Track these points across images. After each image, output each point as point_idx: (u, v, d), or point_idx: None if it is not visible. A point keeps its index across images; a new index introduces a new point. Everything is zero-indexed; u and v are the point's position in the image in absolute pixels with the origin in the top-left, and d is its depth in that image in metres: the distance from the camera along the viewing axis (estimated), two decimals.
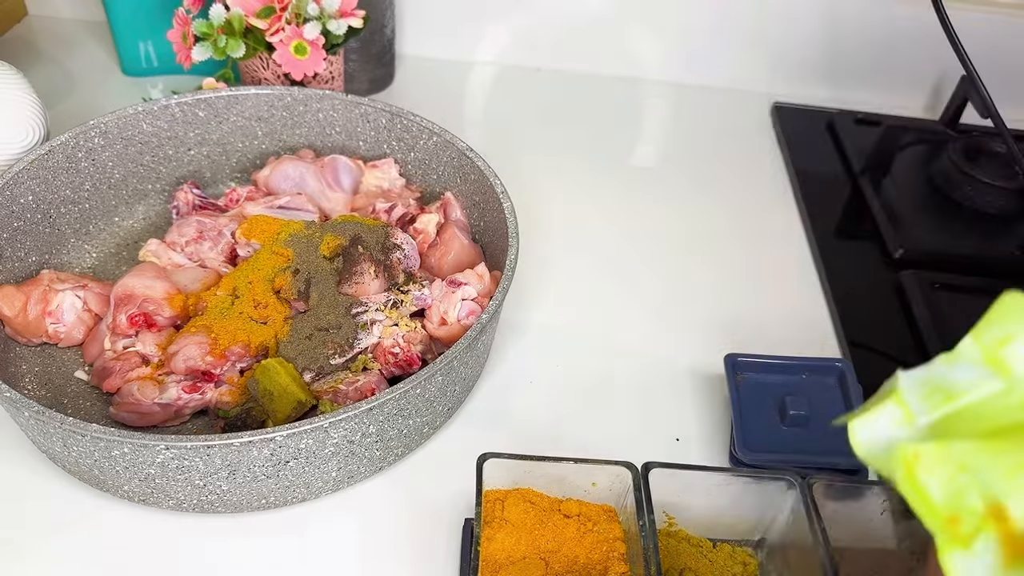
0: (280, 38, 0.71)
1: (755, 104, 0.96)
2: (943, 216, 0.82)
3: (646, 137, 0.91)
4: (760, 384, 0.60)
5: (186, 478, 0.49)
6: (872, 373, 0.66)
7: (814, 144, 0.91)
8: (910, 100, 0.98)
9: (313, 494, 0.53)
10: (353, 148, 0.73)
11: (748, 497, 0.50)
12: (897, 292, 0.74)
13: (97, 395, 0.58)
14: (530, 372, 0.64)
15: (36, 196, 0.63)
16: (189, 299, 0.60)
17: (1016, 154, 0.73)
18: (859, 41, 0.94)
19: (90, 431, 0.46)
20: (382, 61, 0.89)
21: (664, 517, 0.51)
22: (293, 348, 0.57)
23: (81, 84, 0.89)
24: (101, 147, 0.66)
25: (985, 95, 0.74)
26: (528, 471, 0.49)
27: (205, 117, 0.70)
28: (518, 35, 0.96)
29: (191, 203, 0.68)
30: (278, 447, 0.48)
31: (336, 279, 0.60)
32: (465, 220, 0.68)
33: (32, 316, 0.58)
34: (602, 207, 0.80)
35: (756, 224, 0.80)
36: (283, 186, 0.69)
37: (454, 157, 0.68)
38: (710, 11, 0.93)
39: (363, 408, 0.48)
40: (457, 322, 0.59)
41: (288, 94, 0.71)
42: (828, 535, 0.45)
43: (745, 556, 0.51)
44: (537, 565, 0.46)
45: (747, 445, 0.56)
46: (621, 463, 0.48)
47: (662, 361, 0.66)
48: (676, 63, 0.97)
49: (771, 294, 0.73)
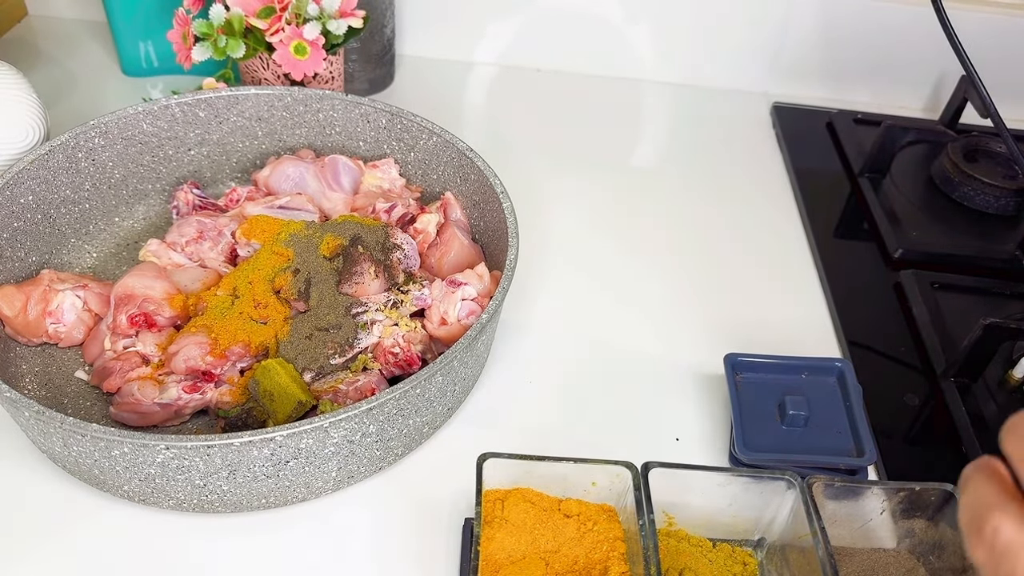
0: (280, 38, 0.71)
1: (755, 104, 0.96)
2: (943, 216, 0.82)
3: (646, 137, 0.91)
4: (760, 384, 0.60)
5: (186, 478, 0.49)
6: (872, 373, 0.66)
7: (814, 144, 0.91)
8: (910, 100, 0.98)
9: (313, 494, 0.53)
10: (353, 148, 0.73)
11: (748, 497, 0.50)
12: (897, 292, 0.74)
13: (97, 395, 0.58)
14: (530, 372, 0.64)
15: (36, 196, 0.63)
16: (189, 299, 0.60)
17: (1016, 154, 0.73)
18: (859, 41, 0.94)
19: (90, 431, 0.46)
20: (382, 61, 0.89)
21: (664, 517, 0.51)
22: (293, 348, 0.57)
23: (81, 84, 0.89)
24: (101, 147, 0.66)
25: (985, 95, 0.74)
26: (528, 471, 0.49)
27: (205, 117, 0.70)
28: (518, 35, 0.96)
29: (191, 203, 0.68)
30: (278, 447, 0.48)
31: (336, 279, 0.60)
32: (465, 220, 0.68)
33: (32, 316, 0.58)
34: (602, 207, 0.80)
35: (756, 224, 0.80)
36: (283, 186, 0.69)
37: (454, 157, 0.68)
38: (710, 11, 0.93)
39: (363, 408, 0.48)
40: (457, 322, 0.59)
41: (288, 94, 0.71)
42: (828, 535, 0.45)
43: (745, 556, 0.51)
44: (537, 565, 0.46)
45: (747, 445, 0.56)
46: (621, 463, 0.48)
47: (662, 361, 0.66)
48: (676, 63, 0.97)
49: (771, 294, 0.73)
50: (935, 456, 0.61)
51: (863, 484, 0.50)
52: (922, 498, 0.50)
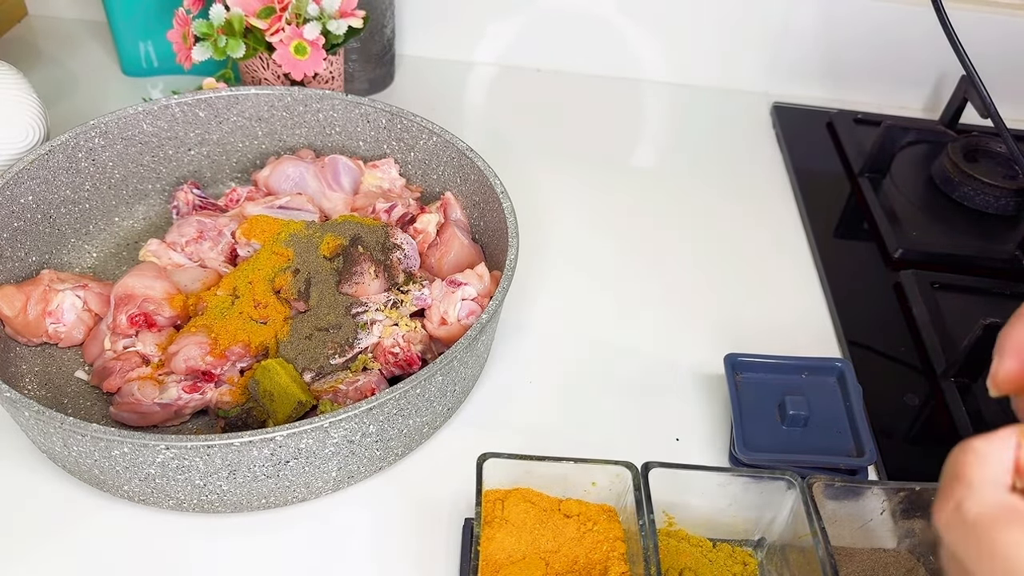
0: (280, 38, 0.71)
1: (755, 104, 0.96)
2: (943, 216, 0.82)
3: (646, 137, 0.91)
4: (760, 384, 0.60)
5: (186, 478, 0.49)
6: (872, 373, 0.66)
7: (814, 144, 0.91)
8: (910, 100, 0.98)
9: (313, 494, 0.53)
10: (353, 148, 0.73)
11: (748, 497, 0.50)
12: (897, 292, 0.74)
13: (97, 395, 0.58)
14: (530, 372, 0.64)
15: (36, 196, 0.63)
16: (189, 299, 0.60)
17: (1016, 154, 0.73)
18: (859, 41, 0.94)
19: (90, 431, 0.46)
20: (382, 61, 0.89)
21: (664, 517, 0.51)
22: (293, 348, 0.57)
23: (81, 84, 0.89)
24: (101, 147, 0.66)
25: (985, 95, 0.74)
26: (528, 471, 0.49)
27: (205, 117, 0.70)
28: (518, 35, 0.96)
29: (191, 203, 0.68)
30: (278, 447, 0.48)
31: (336, 279, 0.60)
32: (465, 220, 0.68)
33: (32, 316, 0.58)
34: (602, 207, 0.80)
35: (756, 224, 0.80)
36: (283, 186, 0.69)
37: (454, 157, 0.68)
38: (710, 11, 0.93)
39: (363, 408, 0.48)
40: (457, 322, 0.59)
41: (288, 94, 0.71)
42: (828, 535, 0.45)
43: (745, 556, 0.51)
44: (537, 565, 0.46)
45: (747, 445, 0.56)
46: (621, 463, 0.48)
47: (662, 361, 0.66)
48: (676, 63, 0.97)
49: (771, 294, 0.73)
50: (935, 456, 0.61)
51: (863, 484, 0.50)
52: (922, 498, 0.50)
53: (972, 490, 0.31)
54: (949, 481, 0.32)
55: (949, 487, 0.32)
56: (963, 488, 0.31)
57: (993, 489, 0.31)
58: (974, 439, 0.32)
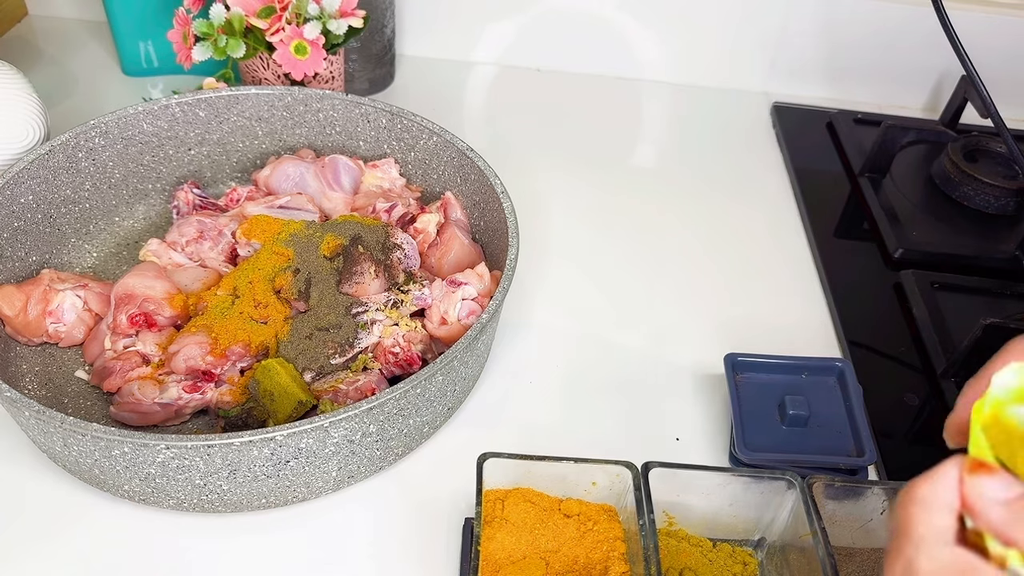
0: (280, 38, 0.71)
1: (755, 104, 0.96)
2: (943, 216, 0.82)
3: (646, 137, 0.91)
4: (760, 384, 0.60)
5: (186, 478, 0.49)
6: (872, 373, 0.66)
7: (814, 144, 0.91)
8: (910, 100, 0.98)
9: (313, 493, 0.53)
10: (353, 148, 0.73)
11: (748, 497, 0.50)
12: (897, 292, 0.74)
13: (97, 395, 0.58)
14: (530, 372, 0.64)
15: (36, 196, 0.63)
16: (189, 299, 0.60)
17: (1016, 154, 0.73)
18: (859, 41, 0.94)
19: (90, 430, 0.46)
20: (382, 61, 0.89)
21: (664, 517, 0.51)
22: (293, 348, 0.57)
23: (81, 84, 0.89)
24: (101, 147, 0.66)
25: (985, 95, 0.74)
26: (528, 471, 0.49)
27: (205, 117, 0.70)
28: (518, 35, 0.96)
29: (191, 203, 0.68)
30: (278, 447, 0.48)
31: (336, 279, 0.60)
32: (465, 220, 0.68)
33: (32, 316, 0.58)
34: (602, 207, 0.80)
35: (756, 224, 0.80)
36: (283, 186, 0.69)
37: (454, 157, 0.68)
38: (709, 11, 0.93)
39: (363, 408, 0.48)
40: (457, 322, 0.59)
41: (288, 94, 0.71)
42: (828, 535, 0.45)
43: (745, 556, 0.51)
44: (537, 565, 0.46)
45: (747, 445, 0.56)
46: (621, 463, 0.48)
47: (662, 361, 0.66)
48: (676, 63, 0.97)
49: (771, 294, 0.73)
50: (935, 456, 0.61)
51: (863, 484, 0.50)
52: None
53: (921, 547, 0.30)
54: (896, 537, 0.31)
55: (897, 544, 0.31)
56: (911, 546, 0.30)
57: (942, 544, 0.29)
58: (917, 483, 0.31)
